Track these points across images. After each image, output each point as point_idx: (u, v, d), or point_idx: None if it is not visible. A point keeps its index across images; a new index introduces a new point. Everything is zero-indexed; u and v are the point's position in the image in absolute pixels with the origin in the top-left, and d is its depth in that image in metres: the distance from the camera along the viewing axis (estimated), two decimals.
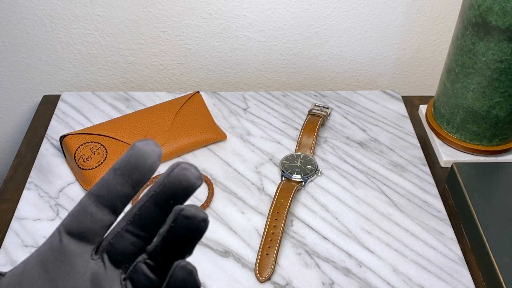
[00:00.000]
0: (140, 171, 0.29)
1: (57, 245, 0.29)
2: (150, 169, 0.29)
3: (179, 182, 0.28)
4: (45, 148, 0.73)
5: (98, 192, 0.29)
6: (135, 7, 0.81)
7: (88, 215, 0.29)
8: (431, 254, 0.62)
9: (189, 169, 0.28)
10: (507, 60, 0.66)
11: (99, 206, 0.29)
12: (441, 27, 0.87)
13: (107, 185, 0.29)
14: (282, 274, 0.59)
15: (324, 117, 0.78)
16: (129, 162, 0.28)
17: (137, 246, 0.29)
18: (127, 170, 0.28)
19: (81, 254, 0.29)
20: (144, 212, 0.29)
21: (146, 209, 0.29)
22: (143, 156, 0.28)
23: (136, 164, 0.28)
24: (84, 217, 0.29)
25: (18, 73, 0.88)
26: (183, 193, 0.29)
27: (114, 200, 0.29)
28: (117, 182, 0.29)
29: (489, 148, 0.74)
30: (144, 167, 0.28)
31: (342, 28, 0.86)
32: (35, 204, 0.65)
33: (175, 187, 0.28)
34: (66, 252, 0.29)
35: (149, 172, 0.29)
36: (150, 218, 0.29)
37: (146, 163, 0.28)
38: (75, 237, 0.29)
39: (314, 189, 0.69)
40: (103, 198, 0.29)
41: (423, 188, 0.69)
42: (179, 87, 0.92)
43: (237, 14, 0.83)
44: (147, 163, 0.28)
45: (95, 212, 0.29)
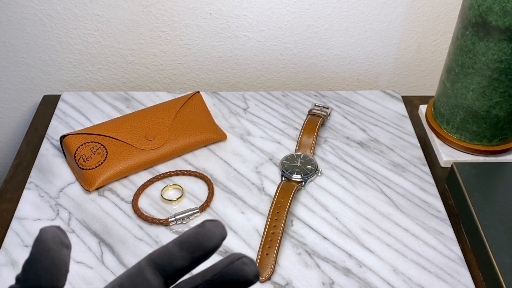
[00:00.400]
0: (204, 250, 0.29)
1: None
2: (213, 250, 0.29)
3: (237, 276, 0.28)
4: (45, 148, 0.73)
5: (159, 261, 0.29)
6: (135, 7, 0.81)
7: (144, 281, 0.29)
8: (431, 254, 0.62)
9: (249, 265, 0.29)
10: (507, 60, 0.66)
11: (156, 275, 0.29)
12: (441, 27, 0.87)
13: (170, 256, 0.29)
14: (282, 274, 0.59)
15: (324, 117, 0.78)
16: (196, 240, 0.29)
17: None
18: (192, 247, 0.29)
19: None
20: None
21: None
22: (210, 238, 0.29)
23: (202, 244, 0.29)
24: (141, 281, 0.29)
25: (18, 73, 0.88)
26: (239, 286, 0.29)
27: (173, 272, 0.29)
28: (180, 256, 0.29)
29: (489, 148, 0.74)
30: (208, 248, 0.29)
31: (342, 28, 0.86)
32: (35, 204, 0.65)
33: (232, 279, 0.29)
34: None
35: (211, 252, 0.29)
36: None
37: (211, 244, 0.29)
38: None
39: (314, 189, 0.69)
40: (163, 268, 0.29)
41: (423, 188, 0.69)
42: (179, 87, 0.92)
43: (237, 14, 0.83)
44: (211, 245, 0.29)
45: (151, 280, 0.29)
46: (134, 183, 0.68)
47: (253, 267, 0.29)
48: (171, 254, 0.29)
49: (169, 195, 0.67)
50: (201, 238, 0.29)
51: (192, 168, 0.71)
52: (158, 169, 0.70)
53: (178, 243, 0.29)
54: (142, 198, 0.67)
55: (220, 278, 0.29)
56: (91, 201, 0.66)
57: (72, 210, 0.65)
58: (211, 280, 0.29)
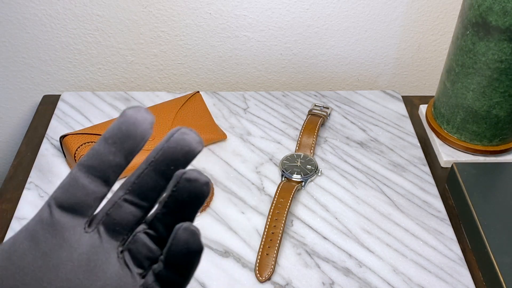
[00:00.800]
0: (132, 139, 0.27)
1: (47, 218, 0.27)
2: (143, 137, 0.27)
3: (180, 146, 0.27)
4: (45, 148, 0.73)
5: (89, 163, 0.27)
6: (135, 7, 0.81)
7: (79, 187, 0.27)
8: (431, 254, 0.62)
9: (189, 134, 0.27)
10: (507, 60, 0.66)
11: (90, 177, 0.27)
12: (441, 27, 0.87)
13: (98, 155, 0.27)
14: (282, 274, 0.59)
15: (324, 117, 0.78)
16: (120, 130, 0.27)
17: (136, 216, 0.28)
18: (118, 138, 0.27)
19: (73, 227, 0.27)
20: (143, 180, 0.28)
21: (145, 177, 0.28)
22: (134, 124, 0.27)
23: (127, 132, 0.27)
24: (76, 189, 0.27)
25: (18, 73, 0.88)
26: (184, 158, 0.28)
27: (107, 170, 0.27)
28: (109, 152, 0.27)
29: (489, 148, 0.74)
30: (136, 135, 0.27)
31: (342, 28, 0.86)
32: (35, 204, 0.65)
33: (175, 152, 0.27)
34: (57, 226, 0.27)
35: (141, 140, 0.27)
36: (150, 186, 0.28)
37: (138, 130, 0.27)
38: (66, 210, 0.27)
39: (314, 189, 0.69)
40: (95, 169, 0.27)
41: (423, 188, 0.69)
42: (179, 87, 0.92)
43: (237, 14, 0.83)
44: (139, 131, 0.27)
45: (86, 183, 0.27)
46: None
47: (193, 134, 0.28)
48: (99, 152, 0.27)
49: None
50: (125, 126, 0.27)
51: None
52: None
53: (103, 140, 0.27)
54: None
55: (164, 154, 0.27)
56: None
57: None
58: (155, 160, 0.27)
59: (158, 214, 0.28)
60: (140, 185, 0.28)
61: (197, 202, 0.27)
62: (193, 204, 0.27)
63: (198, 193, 0.27)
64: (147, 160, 0.28)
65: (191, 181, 0.27)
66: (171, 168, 0.27)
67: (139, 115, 0.27)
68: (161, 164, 0.27)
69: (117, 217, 0.28)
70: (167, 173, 0.28)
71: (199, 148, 0.28)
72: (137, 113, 0.27)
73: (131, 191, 0.28)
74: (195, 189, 0.27)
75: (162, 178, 0.28)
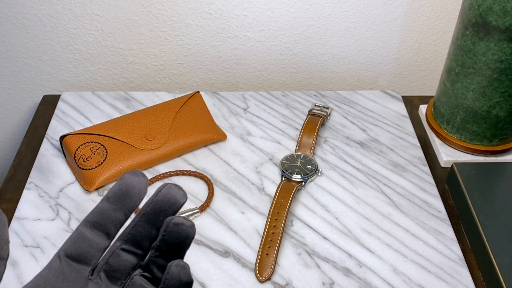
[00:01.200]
0: (130, 198, 0.32)
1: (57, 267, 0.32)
2: (139, 197, 0.32)
3: (167, 199, 0.32)
4: (45, 148, 0.73)
5: (93, 219, 0.32)
6: (135, 7, 0.81)
7: (85, 240, 0.32)
8: (431, 254, 0.62)
9: (174, 188, 0.32)
10: (507, 60, 0.66)
11: (94, 232, 0.32)
12: (441, 27, 0.87)
13: (102, 212, 0.32)
14: (282, 274, 0.59)
15: (324, 117, 0.78)
16: (120, 191, 0.32)
17: (132, 263, 0.33)
18: (119, 197, 0.32)
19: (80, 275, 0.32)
20: (137, 231, 0.33)
21: (138, 228, 0.32)
22: (132, 185, 0.32)
23: (126, 193, 0.32)
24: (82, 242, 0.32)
25: (18, 73, 0.88)
26: (171, 209, 0.32)
27: (108, 225, 0.32)
28: (111, 209, 0.32)
29: (489, 148, 0.74)
30: (133, 195, 0.32)
31: (342, 28, 0.86)
32: (35, 204, 0.65)
33: (163, 204, 0.32)
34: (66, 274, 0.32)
35: (138, 199, 0.32)
36: (143, 235, 0.33)
37: (135, 191, 0.32)
38: (73, 260, 0.32)
39: (314, 189, 0.69)
40: (99, 224, 0.32)
41: (423, 188, 0.69)
42: (179, 87, 0.92)
43: (237, 14, 0.83)
44: (136, 191, 0.32)
45: (91, 237, 0.32)
46: None
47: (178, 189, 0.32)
48: (102, 209, 0.32)
49: None
50: (124, 187, 0.32)
51: (192, 168, 0.71)
52: (158, 169, 0.70)
53: (106, 199, 0.32)
54: None
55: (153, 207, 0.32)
56: (91, 201, 0.66)
57: (72, 210, 0.65)
58: (147, 213, 0.32)
59: (152, 258, 0.32)
60: (135, 235, 0.33)
61: (185, 242, 0.32)
62: (181, 245, 0.32)
63: (185, 235, 0.31)
64: (139, 213, 0.33)
65: (178, 225, 0.31)
66: (160, 218, 0.32)
67: (136, 178, 0.32)
68: (152, 215, 0.32)
69: (115, 264, 0.33)
70: (157, 223, 0.32)
71: (183, 200, 0.32)
72: (134, 177, 0.32)
73: (127, 241, 0.33)
74: (182, 231, 0.31)
75: (153, 228, 0.33)
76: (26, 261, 0.59)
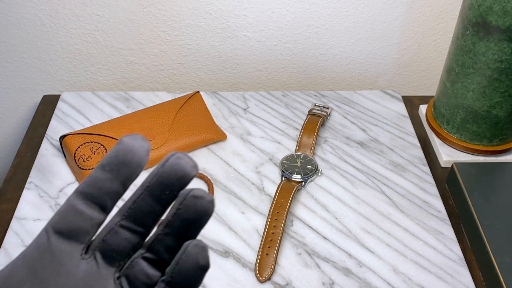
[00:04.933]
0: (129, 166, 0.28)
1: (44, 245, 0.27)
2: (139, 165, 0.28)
3: (174, 171, 0.27)
4: (45, 148, 0.73)
5: (86, 190, 0.28)
6: (135, 7, 0.81)
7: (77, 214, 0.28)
8: (431, 254, 0.62)
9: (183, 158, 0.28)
10: (507, 60, 0.66)
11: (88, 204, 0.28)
12: (441, 27, 0.87)
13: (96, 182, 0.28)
14: (282, 274, 0.59)
15: (324, 117, 0.78)
16: (117, 158, 0.28)
17: (132, 242, 0.28)
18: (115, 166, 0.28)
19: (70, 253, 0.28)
20: (139, 206, 0.28)
21: (141, 202, 0.28)
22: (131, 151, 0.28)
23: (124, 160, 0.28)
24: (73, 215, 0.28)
25: (18, 73, 0.88)
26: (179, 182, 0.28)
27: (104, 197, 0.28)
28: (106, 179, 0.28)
29: (489, 148, 0.74)
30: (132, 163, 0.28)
31: (342, 28, 0.86)
32: (35, 204, 0.65)
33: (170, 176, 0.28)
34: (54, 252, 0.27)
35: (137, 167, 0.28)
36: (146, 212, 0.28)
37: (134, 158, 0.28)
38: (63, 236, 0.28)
39: (314, 189, 0.69)
40: (92, 196, 0.28)
41: (423, 188, 0.69)
42: (179, 87, 0.92)
43: (237, 14, 0.83)
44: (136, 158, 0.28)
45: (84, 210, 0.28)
46: (134, 183, 0.68)
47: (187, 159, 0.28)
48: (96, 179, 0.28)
49: None
50: (122, 154, 0.28)
51: None
52: None
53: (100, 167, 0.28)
54: None
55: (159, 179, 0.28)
56: None
57: None
58: (151, 185, 0.28)
59: (159, 236, 0.28)
60: (136, 211, 0.28)
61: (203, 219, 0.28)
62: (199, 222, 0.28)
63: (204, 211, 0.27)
64: (142, 185, 0.28)
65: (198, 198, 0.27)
66: (166, 192, 0.28)
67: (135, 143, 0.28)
68: (157, 189, 0.28)
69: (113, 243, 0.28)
70: (162, 198, 0.28)
71: (194, 173, 0.28)
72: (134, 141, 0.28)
73: (127, 217, 0.28)
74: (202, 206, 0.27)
75: (157, 203, 0.28)
76: None
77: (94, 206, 0.28)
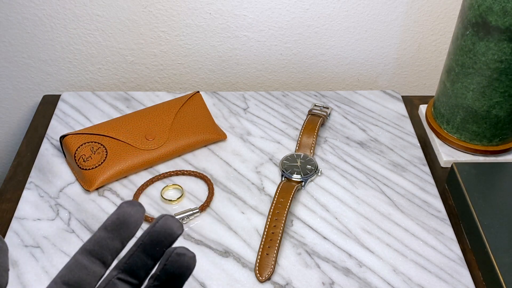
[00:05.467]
0: (127, 227, 0.33)
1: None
2: (136, 226, 0.33)
3: (164, 230, 0.32)
4: (45, 148, 0.73)
5: (90, 247, 0.32)
6: (135, 7, 0.81)
7: (82, 268, 0.32)
8: (431, 254, 0.62)
9: (171, 220, 0.33)
10: (507, 60, 0.66)
11: (91, 260, 0.32)
12: (441, 27, 0.87)
13: (99, 241, 0.32)
14: (282, 274, 0.59)
15: (324, 117, 0.78)
16: (118, 220, 0.32)
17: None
18: (116, 226, 0.32)
19: None
20: (133, 260, 0.33)
21: (135, 257, 0.33)
22: (130, 214, 0.33)
23: (124, 222, 0.32)
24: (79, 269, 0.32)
25: (18, 73, 0.88)
26: (167, 240, 0.33)
27: (105, 253, 0.32)
28: (108, 237, 0.32)
29: (489, 148, 0.74)
30: (130, 224, 0.33)
31: (342, 28, 0.86)
32: (35, 204, 0.65)
33: (160, 234, 0.32)
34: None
35: (135, 228, 0.33)
36: (139, 265, 0.33)
37: (132, 220, 0.33)
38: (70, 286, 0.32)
39: (314, 189, 0.69)
40: (96, 252, 0.32)
41: (423, 188, 0.69)
42: (179, 87, 0.92)
43: (237, 14, 0.83)
44: (133, 221, 0.33)
45: (88, 264, 0.32)
46: (134, 183, 0.68)
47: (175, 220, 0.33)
48: (100, 238, 0.32)
49: (169, 195, 0.67)
50: (122, 217, 0.32)
51: (192, 168, 0.71)
52: (158, 169, 0.70)
53: (104, 228, 0.33)
54: (142, 198, 0.67)
55: (151, 237, 0.33)
56: (91, 201, 0.66)
57: (72, 210, 0.65)
58: (143, 243, 0.33)
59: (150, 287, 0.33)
60: (131, 265, 0.33)
61: (185, 273, 0.32)
62: (182, 275, 0.32)
63: (187, 265, 0.32)
64: (136, 243, 0.33)
65: (180, 255, 0.32)
66: (156, 249, 0.33)
67: (133, 208, 0.33)
68: (149, 246, 0.33)
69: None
70: (154, 253, 0.33)
71: (180, 231, 0.33)
72: (132, 207, 0.33)
73: (124, 271, 0.33)
74: (184, 262, 0.32)
75: (149, 258, 0.33)
76: (26, 261, 0.59)
77: (97, 261, 0.32)
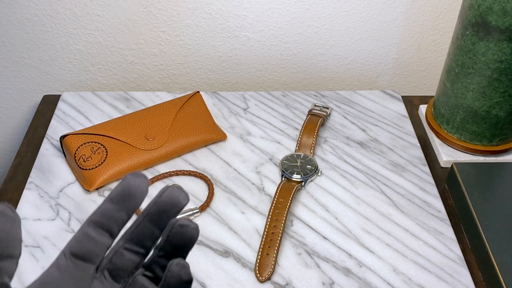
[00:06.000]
0: (133, 198, 0.33)
1: (64, 264, 0.33)
2: (141, 197, 0.33)
3: (170, 200, 0.33)
4: (45, 148, 0.73)
5: (97, 219, 0.33)
6: (135, 7, 0.81)
7: (89, 239, 0.33)
8: (431, 254, 0.62)
9: (177, 190, 0.33)
10: (507, 60, 0.66)
11: (98, 231, 0.33)
12: (441, 27, 0.87)
13: (105, 212, 0.33)
14: (282, 274, 0.59)
15: (324, 117, 0.78)
16: (123, 191, 0.33)
17: (135, 262, 0.34)
18: (121, 197, 0.33)
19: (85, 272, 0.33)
20: (140, 230, 0.34)
21: (142, 227, 0.33)
22: (135, 186, 0.33)
23: (129, 193, 0.33)
24: (86, 241, 0.33)
25: (18, 73, 0.88)
26: (173, 209, 0.33)
27: (112, 225, 0.33)
28: (114, 209, 0.33)
29: (489, 148, 0.74)
30: (136, 196, 0.33)
31: (342, 28, 0.86)
32: (35, 204, 0.65)
33: (166, 205, 0.33)
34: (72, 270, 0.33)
35: (140, 199, 0.33)
36: (146, 235, 0.34)
37: (137, 192, 0.33)
38: (79, 258, 0.33)
39: (314, 189, 0.69)
40: (102, 224, 0.33)
41: (423, 188, 0.69)
42: (179, 87, 0.92)
43: (237, 14, 0.83)
44: (138, 192, 0.33)
45: (95, 236, 0.33)
46: None
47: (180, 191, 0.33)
48: (106, 210, 0.33)
49: None
50: (127, 188, 0.33)
51: (192, 168, 0.71)
52: (158, 169, 0.70)
53: (109, 200, 0.33)
54: None
55: (157, 207, 0.33)
56: (91, 201, 0.66)
57: (72, 210, 0.65)
58: (150, 213, 0.33)
59: (155, 258, 0.34)
60: (138, 235, 0.34)
61: (188, 244, 0.33)
62: (185, 246, 0.33)
63: (189, 236, 0.33)
64: (143, 213, 0.34)
65: (183, 227, 0.32)
66: (163, 219, 0.33)
67: (138, 179, 0.33)
68: (155, 216, 0.33)
69: (119, 263, 0.34)
70: (160, 223, 0.33)
71: (185, 201, 0.34)
72: (136, 178, 0.33)
73: (130, 240, 0.34)
74: (187, 233, 0.33)
75: (156, 228, 0.34)
76: (26, 261, 0.59)
77: (104, 232, 0.33)
